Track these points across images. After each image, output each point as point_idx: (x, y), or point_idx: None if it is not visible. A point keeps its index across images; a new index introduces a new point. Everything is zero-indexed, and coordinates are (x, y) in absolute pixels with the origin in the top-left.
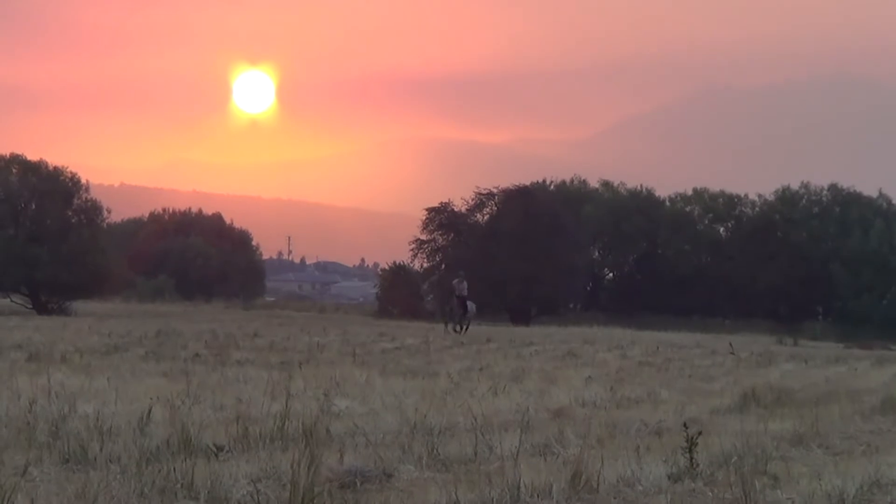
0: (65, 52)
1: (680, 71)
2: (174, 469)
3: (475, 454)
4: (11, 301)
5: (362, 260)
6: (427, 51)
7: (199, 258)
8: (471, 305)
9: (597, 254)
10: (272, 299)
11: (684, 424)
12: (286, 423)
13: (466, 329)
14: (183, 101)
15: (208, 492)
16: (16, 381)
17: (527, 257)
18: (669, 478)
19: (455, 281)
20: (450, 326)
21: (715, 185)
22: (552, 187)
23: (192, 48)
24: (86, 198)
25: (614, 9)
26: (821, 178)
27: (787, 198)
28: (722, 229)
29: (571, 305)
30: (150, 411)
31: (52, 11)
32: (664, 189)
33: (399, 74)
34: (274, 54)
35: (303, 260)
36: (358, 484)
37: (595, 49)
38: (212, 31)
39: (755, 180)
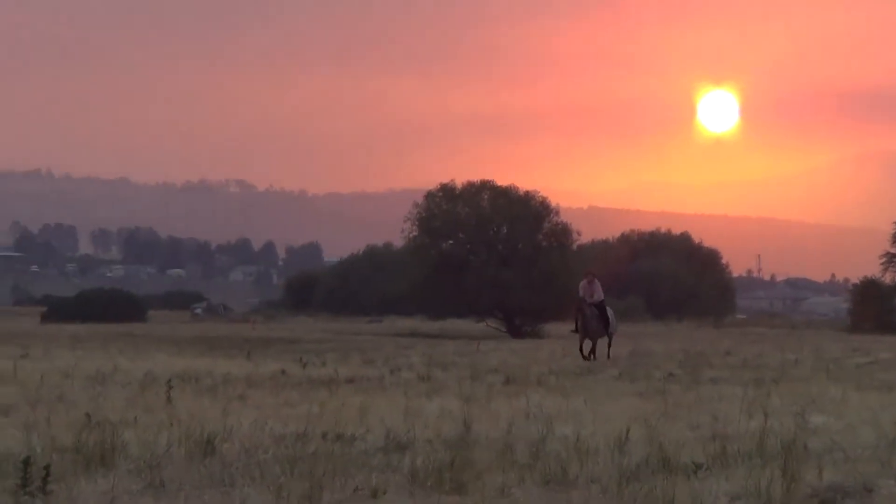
0: (531, 80)
1: None
2: (655, 487)
3: None
4: (486, 325)
5: (832, 275)
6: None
7: (669, 278)
8: (611, 314)
9: None
10: (743, 317)
11: None
12: (763, 440)
13: (609, 348)
14: (649, 124)
15: None
16: (494, 404)
17: None
18: None
19: (583, 283)
20: (586, 348)
21: None
22: None
23: (657, 71)
24: (556, 221)
25: None
26: None
27: None
28: None
29: None
30: (627, 431)
31: (518, 41)
32: None
33: (866, 85)
34: (737, 72)
35: (772, 277)
36: (838, 499)
37: None
38: (676, 53)
39: None
